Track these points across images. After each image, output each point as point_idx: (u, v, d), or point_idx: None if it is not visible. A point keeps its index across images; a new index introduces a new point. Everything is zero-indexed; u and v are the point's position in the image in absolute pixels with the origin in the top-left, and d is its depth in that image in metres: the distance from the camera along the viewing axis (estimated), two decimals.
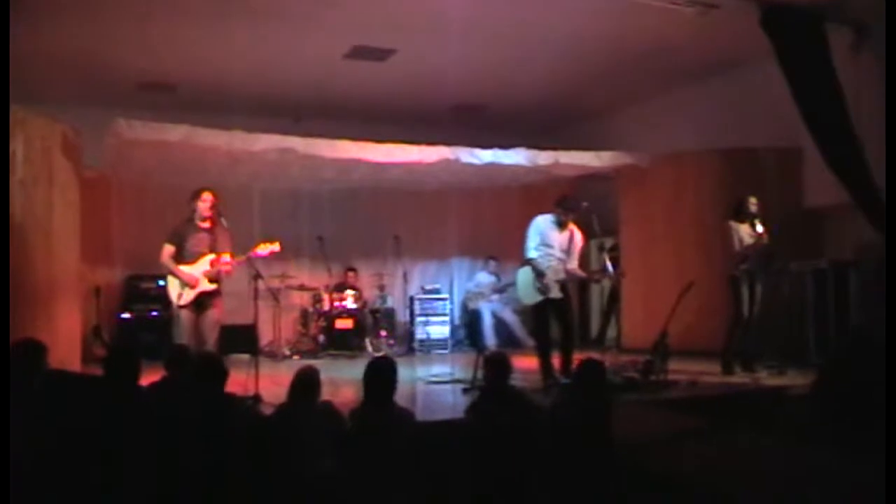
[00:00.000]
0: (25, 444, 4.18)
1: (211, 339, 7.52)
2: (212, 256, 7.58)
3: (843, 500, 4.40)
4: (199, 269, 7.55)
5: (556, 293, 7.93)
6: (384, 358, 5.47)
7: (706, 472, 4.96)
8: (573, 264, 8.11)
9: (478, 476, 4.99)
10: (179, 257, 7.58)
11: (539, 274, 7.88)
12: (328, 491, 4.74)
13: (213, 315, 7.63)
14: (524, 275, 8.03)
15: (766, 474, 4.90)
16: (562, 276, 7.98)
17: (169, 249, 7.61)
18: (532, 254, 7.97)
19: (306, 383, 5.22)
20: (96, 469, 4.37)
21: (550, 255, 7.98)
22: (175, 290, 7.56)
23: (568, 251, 8.06)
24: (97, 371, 6.84)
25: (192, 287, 7.51)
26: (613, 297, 12.17)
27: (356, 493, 4.62)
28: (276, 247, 7.77)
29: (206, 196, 7.67)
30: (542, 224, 8.07)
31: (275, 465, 4.83)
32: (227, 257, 7.61)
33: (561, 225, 8.06)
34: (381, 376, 5.11)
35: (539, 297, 7.89)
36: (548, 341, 8.07)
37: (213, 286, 7.59)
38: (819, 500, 4.41)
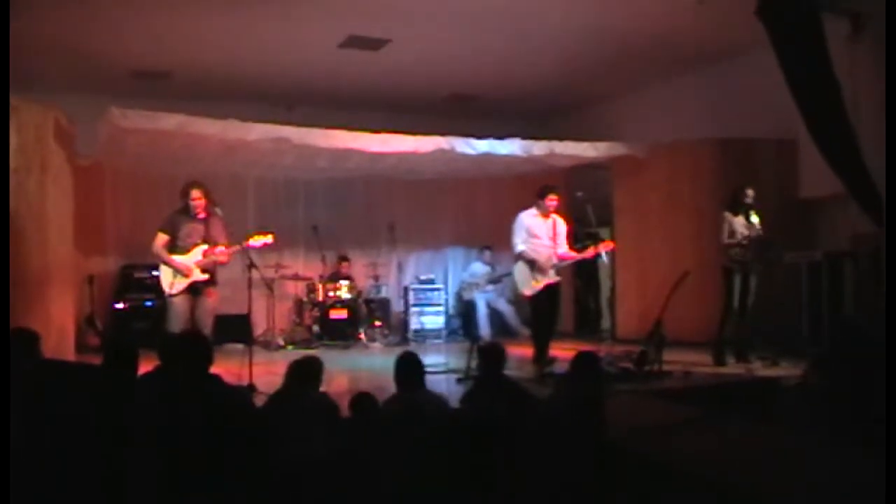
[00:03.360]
0: (19, 434, 4.17)
1: (206, 327, 7.54)
2: (205, 247, 7.62)
3: (837, 489, 4.41)
4: (191, 259, 7.58)
5: (552, 276, 8.32)
6: (410, 352, 5.64)
7: (700, 462, 4.97)
8: (564, 249, 8.49)
9: (473, 465, 4.99)
10: (173, 247, 7.62)
11: (531, 261, 8.26)
12: (322, 478, 4.75)
13: (208, 304, 7.68)
14: (519, 267, 8.41)
15: (760, 464, 4.90)
16: (554, 261, 8.35)
17: (162, 238, 7.65)
18: (520, 247, 8.34)
19: (309, 372, 5.22)
20: (94, 459, 4.37)
21: (539, 244, 8.36)
22: (167, 279, 7.62)
23: (554, 238, 8.43)
24: (91, 360, 6.85)
25: (185, 276, 7.55)
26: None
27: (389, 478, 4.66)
28: (269, 239, 7.81)
29: (196, 193, 7.70)
30: (526, 219, 8.45)
31: (270, 451, 4.84)
32: (221, 248, 7.63)
33: (544, 214, 8.44)
34: (410, 366, 5.34)
35: (539, 287, 8.25)
36: (546, 329, 8.27)
37: (205, 276, 7.62)
38: (813, 489, 4.42)
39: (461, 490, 4.81)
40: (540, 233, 8.36)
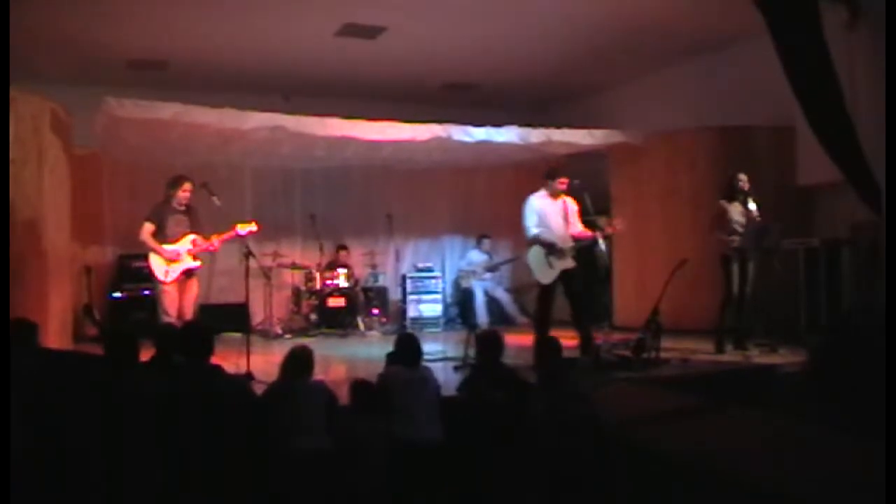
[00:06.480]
0: (19, 424, 4.18)
1: (191, 312, 7.95)
2: (193, 237, 7.93)
3: (836, 476, 4.42)
4: (182, 247, 7.87)
5: (569, 263, 7.91)
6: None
7: (697, 450, 4.98)
8: (578, 228, 8.10)
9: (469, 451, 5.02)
10: (160, 237, 7.87)
11: (550, 245, 7.84)
12: (322, 467, 4.77)
13: (193, 290, 8.04)
14: (535, 253, 7.94)
15: (758, 452, 4.91)
16: (570, 243, 7.96)
17: (149, 227, 7.91)
18: (533, 231, 7.93)
19: (300, 362, 5.25)
20: (94, 448, 4.38)
21: (552, 228, 7.96)
22: (161, 268, 7.87)
23: (566, 219, 8.07)
24: (89, 349, 6.86)
25: (176, 263, 7.83)
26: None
27: None
28: (253, 227, 7.95)
29: (188, 186, 8.00)
30: (536, 202, 8.05)
31: (269, 441, 4.87)
32: (209, 242, 7.94)
33: (553, 196, 8.07)
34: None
35: (555, 274, 7.84)
36: (548, 322, 8.02)
37: (197, 263, 7.96)
38: (810, 476, 4.43)
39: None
40: (552, 216, 7.98)
